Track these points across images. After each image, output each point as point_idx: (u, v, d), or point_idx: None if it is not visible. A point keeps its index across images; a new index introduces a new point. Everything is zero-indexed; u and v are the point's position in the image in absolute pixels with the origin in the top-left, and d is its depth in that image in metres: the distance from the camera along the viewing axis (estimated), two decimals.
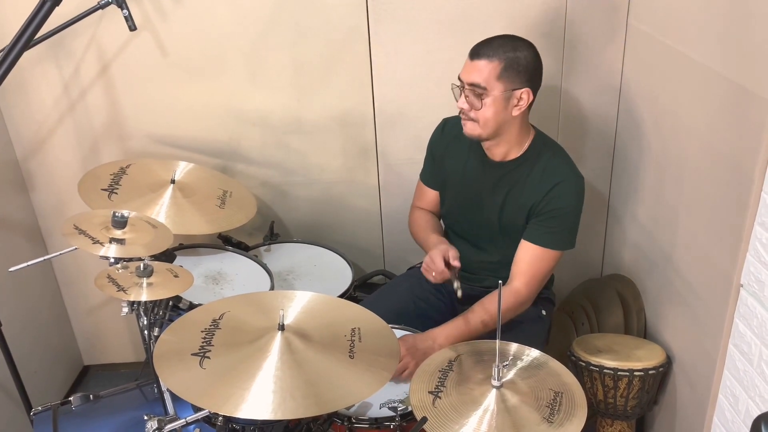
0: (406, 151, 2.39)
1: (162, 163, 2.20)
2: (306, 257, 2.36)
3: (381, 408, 1.69)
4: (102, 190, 2.02)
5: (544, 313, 2.08)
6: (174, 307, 1.85)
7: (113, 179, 2.08)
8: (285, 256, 2.36)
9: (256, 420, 1.48)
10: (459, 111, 1.85)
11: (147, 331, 1.71)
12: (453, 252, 1.90)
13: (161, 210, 2.00)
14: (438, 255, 1.89)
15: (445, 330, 1.86)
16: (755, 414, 1.60)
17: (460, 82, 1.83)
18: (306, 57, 2.29)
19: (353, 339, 1.50)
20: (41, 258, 1.84)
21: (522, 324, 1.97)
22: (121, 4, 1.98)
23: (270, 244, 2.40)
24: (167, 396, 1.60)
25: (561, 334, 2.41)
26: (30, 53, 2.09)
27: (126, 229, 1.71)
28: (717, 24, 1.71)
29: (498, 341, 1.41)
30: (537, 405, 1.39)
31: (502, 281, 1.44)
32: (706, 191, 1.80)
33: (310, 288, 2.00)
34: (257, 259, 2.21)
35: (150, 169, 2.16)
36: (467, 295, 1.96)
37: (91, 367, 2.85)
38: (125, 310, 1.65)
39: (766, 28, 1.50)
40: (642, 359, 2.00)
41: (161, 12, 2.21)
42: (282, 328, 1.46)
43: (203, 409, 1.45)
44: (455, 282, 1.84)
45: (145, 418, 1.47)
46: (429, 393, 1.42)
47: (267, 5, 2.22)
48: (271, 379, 1.35)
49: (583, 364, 2.04)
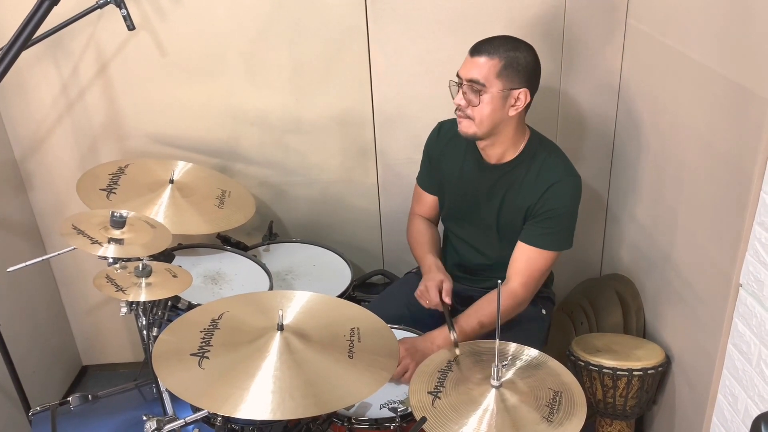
0: (405, 151, 2.39)
1: (160, 163, 2.20)
2: (305, 257, 2.36)
3: (381, 408, 1.69)
4: (100, 189, 2.02)
5: (544, 312, 2.09)
6: (173, 307, 1.85)
7: (112, 179, 2.07)
8: (284, 255, 2.36)
9: (255, 420, 1.47)
10: (455, 108, 1.84)
11: (146, 332, 1.71)
12: (446, 286, 1.90)
13: (160, 210, 2.00)
14: (433, 287, 1.90)
15: (444, 331, 1.85)
16: (754, 413, 1.60)
17: (458, 78, 1.82)
18: (305, 56, 2.29)
19: (352, 339, 1.50)
20: (40, 258, 1.84)
21: (522, 323, 1.97)
22: (120, 3, 1.98)
23: (269, 243, 2.40)
24: (166, 396, 1.60)
25: (560, 333, 2.41)
26: (28, 53, 2.08)
27: (125, 229, 1.71)
28: (716, 23, 1.71)
29: (497, 341, 1.41)
30: (536, 404, 1.39)
31: (500, 281, 1.44)
32: (705, 191, 1.80)
33: (309, 288, 1.99)
34: (256, 259, 2.21)
35: (148, 169, 2.16)
36: (467, 297, 1.96)
37: (90, 368, 2.85)
38: (124, 310, 1.65)
39: (765, 27, 1.50)
40: (641, 359, 2.00)
41: (160, 11, 2.21)
42: (281, 328, 1.46)
43: (202, 410, 1.45)
44: (452, 334, 1.75)
45: (144, 418, 1.47)
46: (428, 393, 1.42)
47: (266, 5, 2.22)
48: (270, 380, 1.35)
49: (582, 363, 2.04)
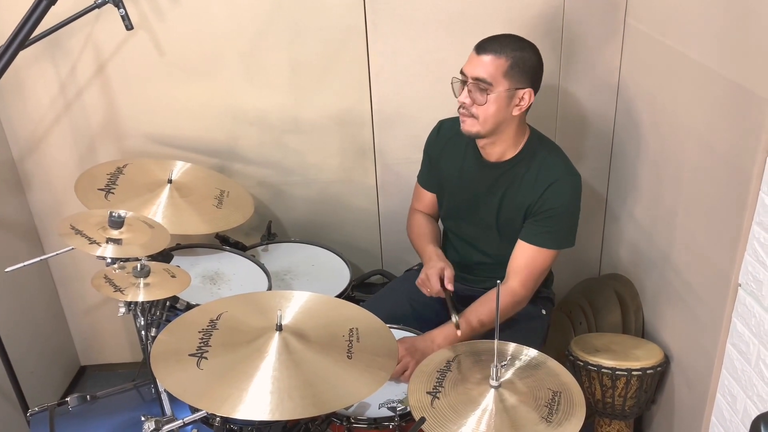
0: (404, 151, 2.39)
1: (159, 163, 2.19)
2: (304, 257, 2.36)
3: (380, 408, 1.69)
4: (99, 189, 2.02)
5: (543, 313, 2.08)
6: (171, 308, 1.85)
7: (110, 179, 2.07)
8: (283, 255, 2.35)
9: (253, 421, 1.47)
10: (459, 106, 1.82)
11: (144, 332, 1.71)
12: (448, 272, 1.90)
13: (158, 210, 2.00)
14: (434, 274, 1.89)
15: (444, 331, 1.85)
16: (753, 413, 1.60)
17: (463, 75, 1.80)
18: (303, 56, 2.28)
19: (351, 339, 1.50)
20: (38, 258, 1.84)
21: (521, 322, 1.97)
22: (118, 3, 1.97)
23: (267, 243, 2.39)
24: (164, 397, 1.60)
25: (559, 333, 2.41)
26: (26, 52, 2.08)
27: (123, 229, 1.70)
28: (715, 23, 1.71)
29: (496, 341, 1.40)
30: (535, 405, 1.38)
31: (500, 281, 1.44)
32: (704, 190, 1.80)
33: (307, 288, 2.00)
34: (255, 259, 2.21)
35: (147, 169, 2.16)
36: (467, 296, 1.96)
37: (88, 368, 2.84)
38: (122, 310, 1.65)
39: (764, 27, 1.50)
40: (640, 359, 2.00)
41: (158, 11, 2.20)
42: (280, 328, 1.45)
43: (201, 410, 1.45)
44: (453, 316, 1.82)
45: (143, 418, 1.47)
46: (427, 393, 1.42)
47: (264, 4, 2.21)
48: (269, 380, 1.34)
49: (581, 363, 2.04)
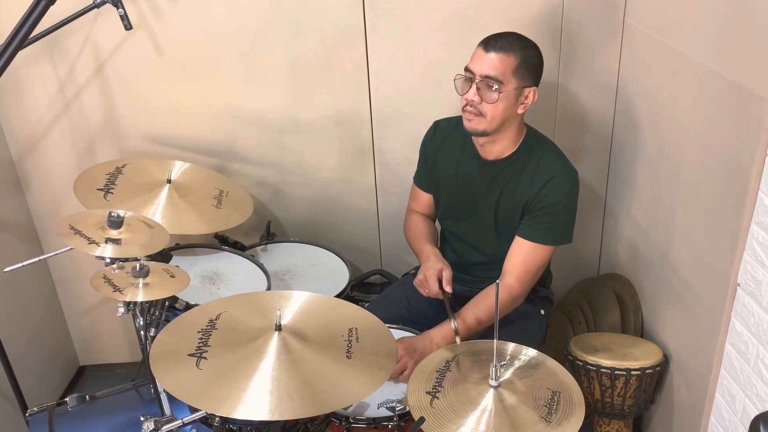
0: (403, 151, 2.39)
1: (158, 163, 2.19)
2: (303, 257, 2.36)
3: (379, 408, 1.69)
4: (98, 189, 2.02)
5: (542, 313, 2.08)
6: (170, 308, 1.85)
7: (109, 179, 2.07)
8: (282, 255, 2.35)
9: (253, 421, 1.47)
10: (465, 104, 1.80)
11: (143, 332, 1.71)
12: (447, 274, 1.90)
13: (157, 210, 2.00)
14: (433, 276, 1.89)
15: (442, 330, 1.85)
16: (752, 413, 1.61)
17: (469, 73, 1.79)
18: (302, 56, 2.28)
19: (350, 339, 1.50)
20: (37, 258, 1.84)
21: (520, 322, 1.97)
22: (117, 2, 1.97)
23: (267, 243, 2.39)
24: (164, 397, 1.60)
25: (558, 333, 2.41)
26: (25, 52, 2.08)
27: (122, 229, 1.70)
28: (714, 23, 1.71)
29: (495, 341, 1.40)
30: (535, 404, 1.38)
31: (498, 281, 1.44)
32: (703, 190, 1.80)
33: (307, 288, 2.00)
34: (254, 259, 2.21)
35: (146, 169, 2.16)
36: (465, 298, 1.96)
37: (87, 368, 2.84)
38: (121, 310, 1.65)
39: (763, 26, 1.50)
40: (639, 358, 2.01)
41: (157, 11, 2.20)
42: (279, 328, 1.45)
43: (200, 410, 1.45)
44: (452, 322, 1.82)
45: (142, 419, 1.47)
46: (427, 393, 1.42)
47: (263, 4, 2.21)
48: (269, 380, 1.34)
49: (581, 363, 2.04)
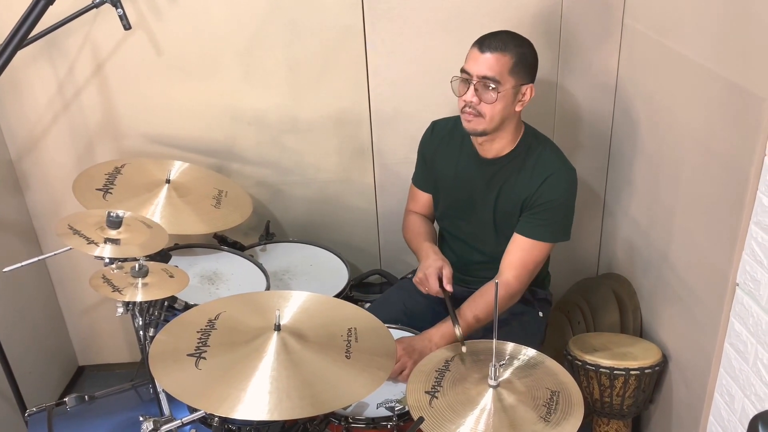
0: (402, 150, 2.39)
1: (157, 163, 2.19)
2: (302, 257, 2.36)
3: (378, 408, 1.69)
4: (97, 189, 2.02)
5: (541, 315, 2.08)
6: (169, 308, 1.85)
7: (108, 179, 2.07)
8: (281, 255, 2.35)
9: (252, 421, 1.47)
10: (463, 105, 1.80)
11: (142, 332, 1.71)
12: (447, 272, 1.87)
13: (156, 210, 1.99)
14: (433, 274, 1.87)
15: (440, 329, 1.85)
16: (751, 413, 1.61)
17: (466, 74, 1.79)
18: (301, 56, 2.28)
19: (350, 339, 1.50)
20: (36, 258, 1.84)
21: (519, 325, 1.97)
22: (116, 2, 1.97)
23: (266, 243, 2.39)
24: (163, 397, 1.60)
25: (557, 333, 2.41)
26: (24, 52, 2.07)
27: (121, 229, 1.70)
28: (713, 23, 1.71)
29: (494, 341, 1.40)
30: (534, 404, 1.38)
31: (497, 281, 1.44)
32: (701, 190, 1.80)
33: (306, 288, 2.00)
34: (253, 259, 2.21)
35: (145, 169, 2.15)
36: (464, 297, 1.95)
37: (86, 368, 2.84)
38: (120, 310, 1.65)
39: (761, 26, 1.50)
40: (638, 358, 2.01)
41: (156, 11, 2.20)
42: (278, 328, 1.45)
43: (199, 410, 1.44)
44: (457, 329, 1.74)
45: (141, 419, 1.47)
46: (426, 393, 1.42)
47: (262, 4, 2.21)
48: (268, 380, 1.34)
49: (580, 363, 2.04)
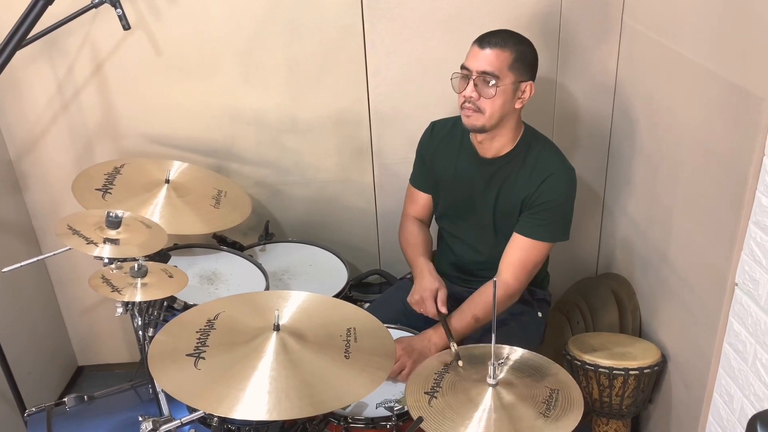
0: (401, 150, 2.39)
1: (156, 163, 2.19)
2: (301, 257, 2.36)
3: (377, 408, 1.69)
4: (96, 189, 2.02)
5: (540, 315, 2.08)
6: (168, 308, 1.85)
7: (107, 179, 2.07)
8: (280, 255, 2.35)
9: (251, 421, 1.47)
10: (463, 101, 1.81)
11: (141, 332, 1.71)
12: (441, 295, 1.90)
13: (156, 210, 1.99)
14: (429, 297, 1.89)
15: (439, 329, 1.85)
16: (750, 412, 1.61)
17: (465, 70, 1.80)
18: (301, 56, 2.28)
19: (349, 339, 1.50)
20: (35, 258, 1.84)
21: (518, 325, 1.97)
22: (115, 2, 1.97)
23: (265, 243, 2.39)
24: (162, 397, 1.60)
25: (556, 333, 2.41)
26: (23, 52, 2.07)
27: (120, 229, 1.70)
28: (712, 22, 1.71)
29: (493, 341, 1.40)
30: (533, 402, 1.39)
31: (495, 280, 1.44)
32: (700, 190, 1.80)
33: (305, 288, 2.00)
34: (252, 259, 2.21)
35: (144, 169, 2.15)
36: (464, 298, 1.95)
37: (86, 368, 2.84)
38: (119, 310, 1.65)
39: (760, 26, 1.50)
40: (637, 358, 2.01)
41: (155, 11, 2.20)
42: (277, 328, 1.45)
43: (198, 410, 1.45)
44: (452, 345, 1.63)
45: (140, 419, 1.47)
46: (425, 393, 1.42)
47: (261, 4, 2.21)
48: (267, 380, 1.34)
49: (579, 363, 2.04)
